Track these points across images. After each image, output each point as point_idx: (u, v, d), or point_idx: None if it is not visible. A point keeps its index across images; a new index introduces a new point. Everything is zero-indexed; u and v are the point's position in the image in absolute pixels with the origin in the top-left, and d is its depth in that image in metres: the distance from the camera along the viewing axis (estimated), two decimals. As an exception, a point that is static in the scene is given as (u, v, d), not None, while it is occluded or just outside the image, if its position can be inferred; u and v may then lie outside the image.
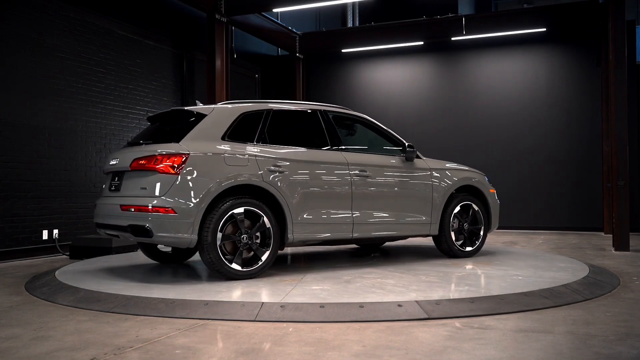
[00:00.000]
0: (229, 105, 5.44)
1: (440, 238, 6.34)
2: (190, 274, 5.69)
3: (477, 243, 6.56)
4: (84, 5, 8.28)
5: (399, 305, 4.03)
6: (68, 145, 7.97)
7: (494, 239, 9.64)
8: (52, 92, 7.73)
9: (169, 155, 4.79)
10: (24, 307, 4.43)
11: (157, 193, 4.73)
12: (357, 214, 5.64)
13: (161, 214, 4.67)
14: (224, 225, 4.87)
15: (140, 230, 4.75)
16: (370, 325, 3.72)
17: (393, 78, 12.87)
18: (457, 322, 3.77)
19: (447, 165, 6.58)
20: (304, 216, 5.31)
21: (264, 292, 4.54)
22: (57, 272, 5.65)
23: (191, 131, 5.02)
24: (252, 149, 5.17)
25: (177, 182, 4.71)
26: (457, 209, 6.40)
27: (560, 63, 11.62)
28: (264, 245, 5.11)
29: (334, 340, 3.36)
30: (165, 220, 4.67)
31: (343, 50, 12.95)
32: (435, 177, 6.28)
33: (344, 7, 15.98)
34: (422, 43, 12.28)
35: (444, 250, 6.44)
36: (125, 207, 4.85)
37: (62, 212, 7.84)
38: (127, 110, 9.04)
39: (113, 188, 5.27)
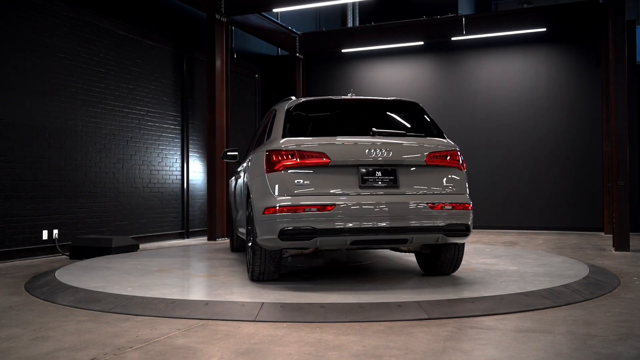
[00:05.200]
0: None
1: None
2: (191, 274, 5.69)
3: None
4: (84, 5, 8.27)
5: (399, 305, 4.03)
6: (68, 145, 7.96)
7: (494, 239, 9.64)
8: (52, 92, 7.73)
9: (458, 152, 4.88)
10: (23, 307, 4.43)
11: (461, 190, 4.79)
12: None
13: (471, 211, 4.75)
14: None
15: (459, 230, 4.65)
16: (370, 325, 3.72)
17: (393, 78, 12.87)
18: (457, 322, 3.76)
19: None
20: None
21: (264, 292, 4.53)
22: (57, 272, 5.65)
23: (438, 126, 5.11)
24: None
25: (466, 178, 4.87)
26: None
27: (560, 63, 11.61)
28: None
29: (334, 340, 3.36)
30: (472, 217, 4.79)
31: (343, 50, 12.95)
32: None
33: (344, 7, 15.98)
34: (422, 43, 12.27)
35: None
36: (438, 206, 4.60)
37: (62, 212, 7.84)
38: (127, 110, 9.04)
39: (382, 184, 4.64)
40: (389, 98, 5.38)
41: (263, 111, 12.93)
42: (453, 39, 11.95)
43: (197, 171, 10.62)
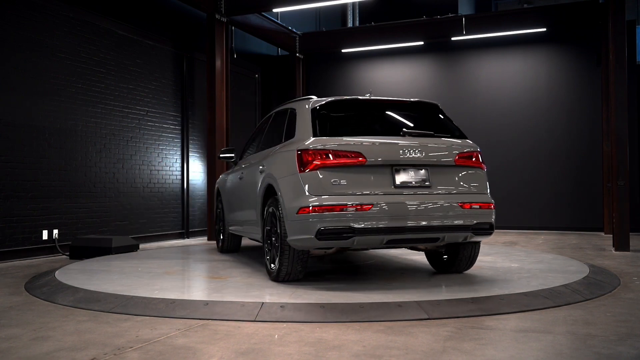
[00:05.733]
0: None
1: None
2: (190, 274, 5.69)
3: None
4: (84, 5, 8.27)
5: (399, 305, 4.03)
6: (68, 145, 7.96)
7: (494, 239, 9.64)
8: (52, 92, 7.73)
9: (480, 153, 5.03)
10: (23, 307, 4.43)
11: (484, 190, 4.95)
12: None
13: (494, 210, 4.90)
14: None
15: (485, 228, 4.82)
16: (370, 325, 3.72)
17: (393, 78, 12.87)
18: (457, 322, 3.76)
19: None
20: None
21: (264, 292, 4.54)
22: (57, 272, 5.65)
23: (457, 127, 5.25)
24: None
25: (487, 178, 5.03)
26: None
27: (560, 63, 11.61)
28: None
29: (334, 340, 3.36)
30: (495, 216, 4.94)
31: (343, 50, 12.95)
32: None
33: (344, 7, 15.98)
34: (422, 43, 12.27)
35: None
36: (467, 205, 4.73)
37: (62, 212, 7.84)
38: (127, 110, 9.04)
39: (415, 184, 4.70)
40: (411, 99, 5.44)
41: (263, 111, 12.93)
42: (453, 39, 11.94)
43: (197, 171, 10.62)
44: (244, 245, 7.90)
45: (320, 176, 4.52)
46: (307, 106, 5.08)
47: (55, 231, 7.71)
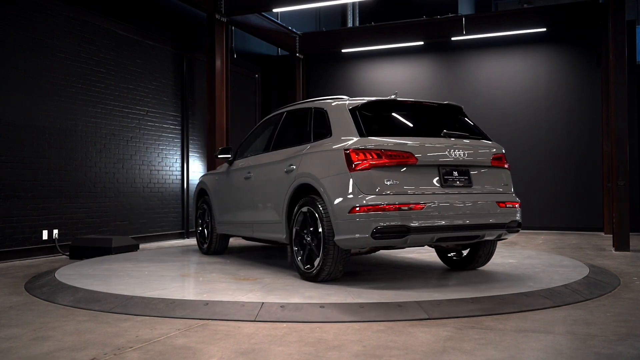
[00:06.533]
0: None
1: None
2: (190, 274, 5.69)
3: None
4: (84, 5, 8.27)
5: (399, 305, 4.03)
6: (68, 145, 7.96)
7: (494, 239, 9.62)
8: (52, 92, 7.73)
9: (505, 154, 5.27)
10: (23, 307, 4.43)
11: (511, 189, 5.19)
12: None
13: (520, 208, 5.15)
14: None
15: (515, 226, 5.06)
16: (370, 325, 3.72)
17: (393, 78, 12.86)
18: (457, 322, 3.77)
19: None
20: None
21: (264, 292, 4.53)
22: (57, 272, 5.65)
23: (480, 128, 5.40)
24: None
25: (511, 178, 5.28)
26: None
27: (560, 63, 11.61)
28: None
29: (334, 340, 3.36)
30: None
31: (343, 50, 12.95)
32: None
33: (344, 7, 15.98)
34: (422, 43, 12.27)
35: None
36: (503, 204, 4.96)
37: (62, 212, 7.84)
38: (127, 110, 9.04)
39: (459, 184, 4.86)
40: (442, 102, 5.56)
41: (263, 111, 12.93)
42: (453, 39, 11.94)
43: (197, 171, 10.62)
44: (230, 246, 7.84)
45: (373, 175, 4.56)
46: (343, 106, 5.12)
47: (55, 231, 7.71)
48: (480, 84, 12.12)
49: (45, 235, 7.57)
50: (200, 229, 7.49)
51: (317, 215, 4.82)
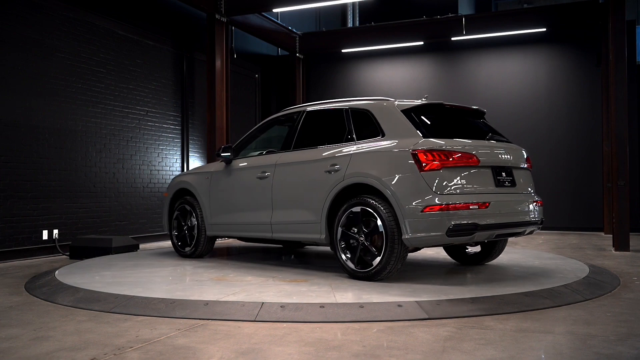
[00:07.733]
0: None
1: None
2: (190, 274, 5.68)
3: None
4: (84, 5, 8.27)
5: (399, 305, 4.03)
6: (68, 145, 7.96)
7: (494, 239, 9.63)
8: (52, 92, 7.73)
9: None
10: (23, 307, 4.43)
11: (534, 189, 5.59)
12: None
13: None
14: None
15: (542, 223, 5.47)
16: (370, 325, 3.72)
17: (393, 78, 12.87)
18: (457, 322, 3.77)
19: None
20: None
21: (264, 292, 4.53)
22: (57, 272, 5.65)
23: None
24: None
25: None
26: None
27: (560, 63, 11.61)
28: None
29: (334, 340, 3.36)
30: None
31: (343, 50, 12.95)
32: None
33: (344, 7, 15.98)
34: (422, 43, 12.27)
35: None
36: (538, 203, 5.43)
37: (62, 212, 7.84)
38: (127, 110, 9.04)
39: (507, 184, 5.20)
40: (480, 108, 5.90)
41: (263, 111, 12.94)
42: (453, 39, 11.94)
43: (197, 171, 10.62)
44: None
45: (443, 175, 4.73)
46: (394, 108, 5.25)
47: (55, 231, 7.71)
48: (480, 84, 12.12)
49: (45, 235, 7.58)
50: (179, 232, 6.99)
51: (377, 214, 4.87)
